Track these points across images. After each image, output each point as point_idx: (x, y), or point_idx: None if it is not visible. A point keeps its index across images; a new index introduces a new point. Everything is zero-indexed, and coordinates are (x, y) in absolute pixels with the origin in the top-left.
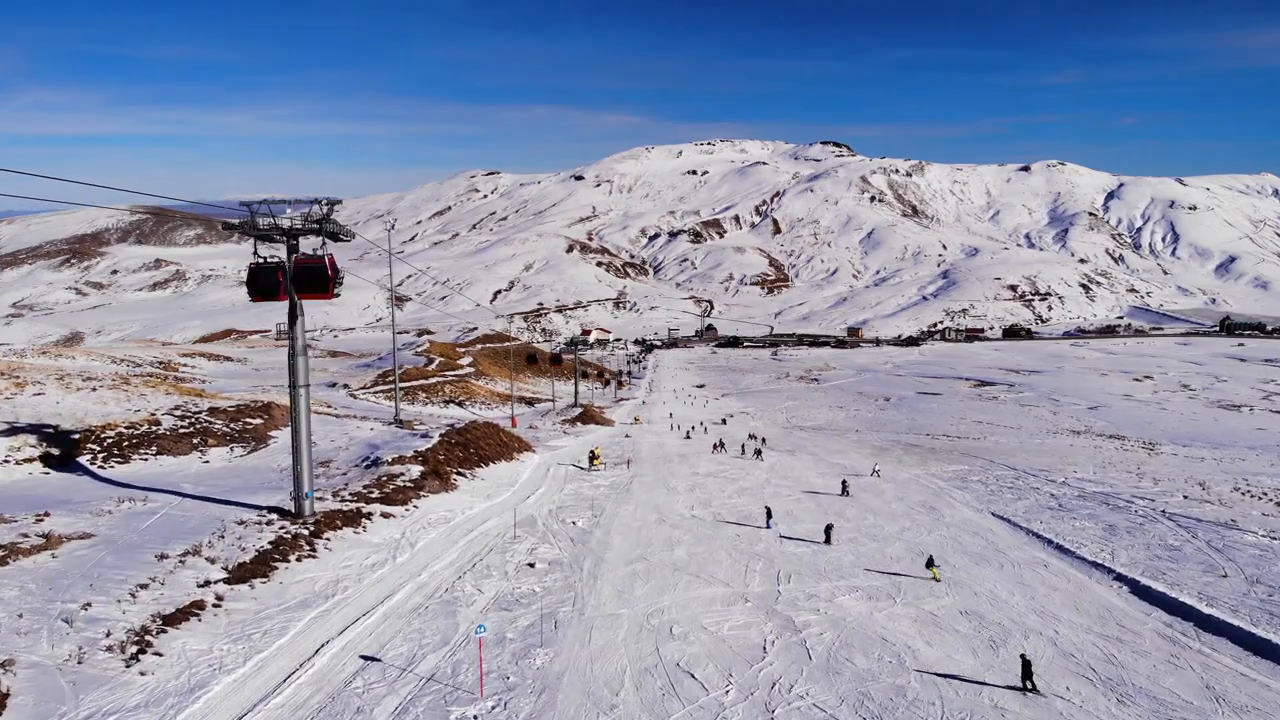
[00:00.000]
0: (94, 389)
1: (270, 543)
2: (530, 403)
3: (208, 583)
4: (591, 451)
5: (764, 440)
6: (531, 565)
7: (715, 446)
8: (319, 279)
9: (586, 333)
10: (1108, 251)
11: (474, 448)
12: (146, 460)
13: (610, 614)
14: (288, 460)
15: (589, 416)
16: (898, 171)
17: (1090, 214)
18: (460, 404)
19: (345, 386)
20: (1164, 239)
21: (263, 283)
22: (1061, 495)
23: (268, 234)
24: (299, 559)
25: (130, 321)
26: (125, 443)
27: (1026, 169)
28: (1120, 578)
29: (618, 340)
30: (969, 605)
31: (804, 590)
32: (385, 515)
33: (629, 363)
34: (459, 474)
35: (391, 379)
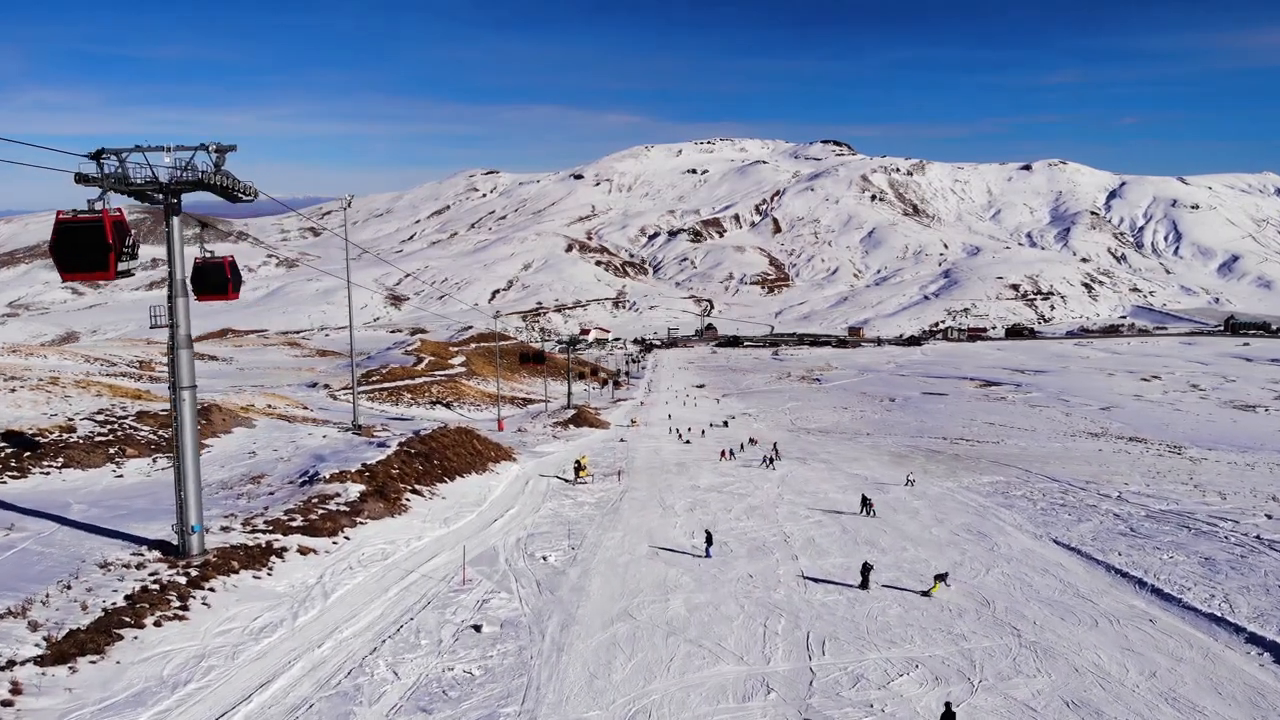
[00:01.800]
0: (13, 390)
1: (127, 597)
2: (524, 404)
3: (10, 664)
4: (577, 461)
5: (775, 447)
6: (477, 628)
7: (724, 454)
8: (218, 280)
9: (585, 332)
10: (1110, 251)
11: (439, 458)
12: (49, 474)
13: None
14: (217, 473)
15: (582, 419)
16: (898, 170)
17: (1092, 213)
18: (448, 405)
19: (326, 387)
20: (1166, 238)
21: (77, 247)
22: (1126, 515)
23: (143, 190)
24: (159, 622)
25: (126, 321)
26: (27, 453)
27: (1028, 168)
28: (1255, 639)
29: (617, 340)
30: (1074, 689)
31: (845, 667)
32: (304, 551)
33: (627, 362)
34: (414, 492)
35: (375, 378)
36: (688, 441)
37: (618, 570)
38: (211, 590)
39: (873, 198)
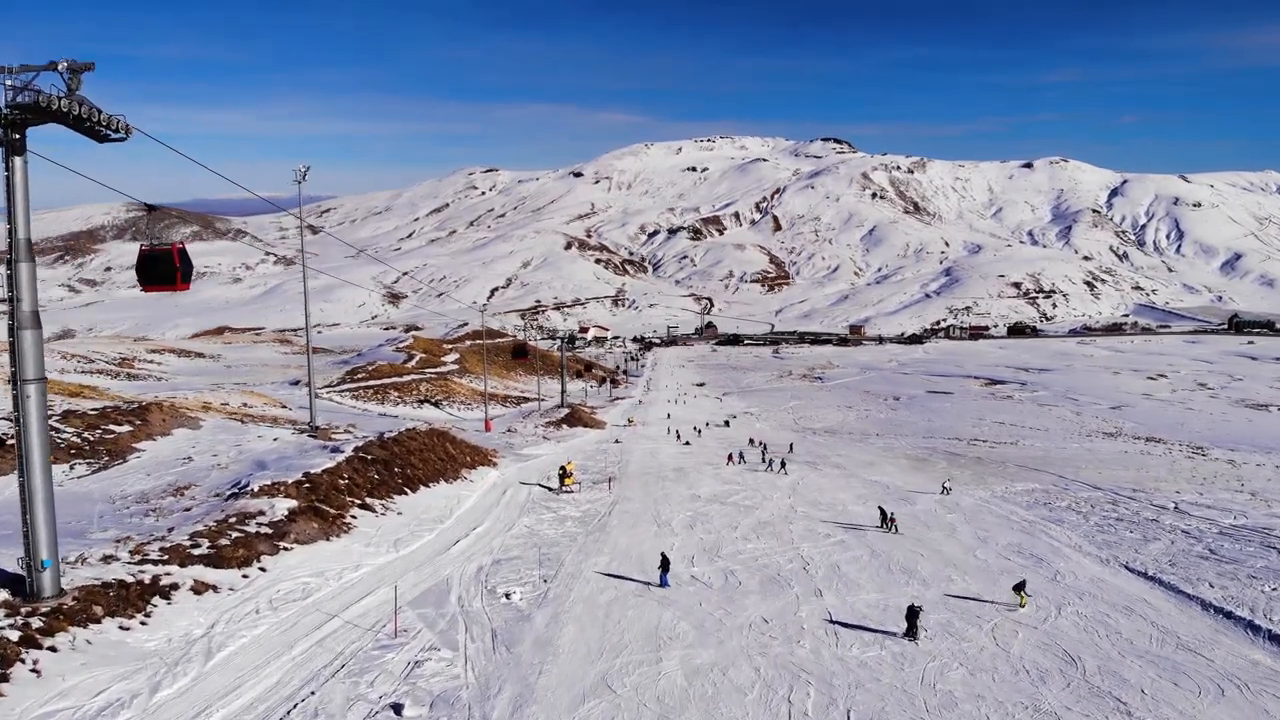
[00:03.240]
0: None
1: None
2: (518, 402)
3: None
4: (562, 468)
5: (791, 447)
6: (397, 710)
7: (730, 459)
8: (165, 269)
9: (585, 330)
10: (1112, 249)
11: (401, 465)
12: None
13: None
14: (140, 482)
15: (576, 418)
16: (899, 168)
17: (1094, 211)
18: (436, 404)
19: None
20: (1168, 236)
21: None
22: (1196, 532)
23: None
24: None
25: (122, 319)
26: None
27: (1029, 166)
28: None
29: (616, 338)
30: None
31: None
32: (201, 588)
33: (626, 360)
34: (363, 507)
35: (360, 376)
36: (687, 443)
37: (597, 614)
38: (52, 649)
39: (873, 196)
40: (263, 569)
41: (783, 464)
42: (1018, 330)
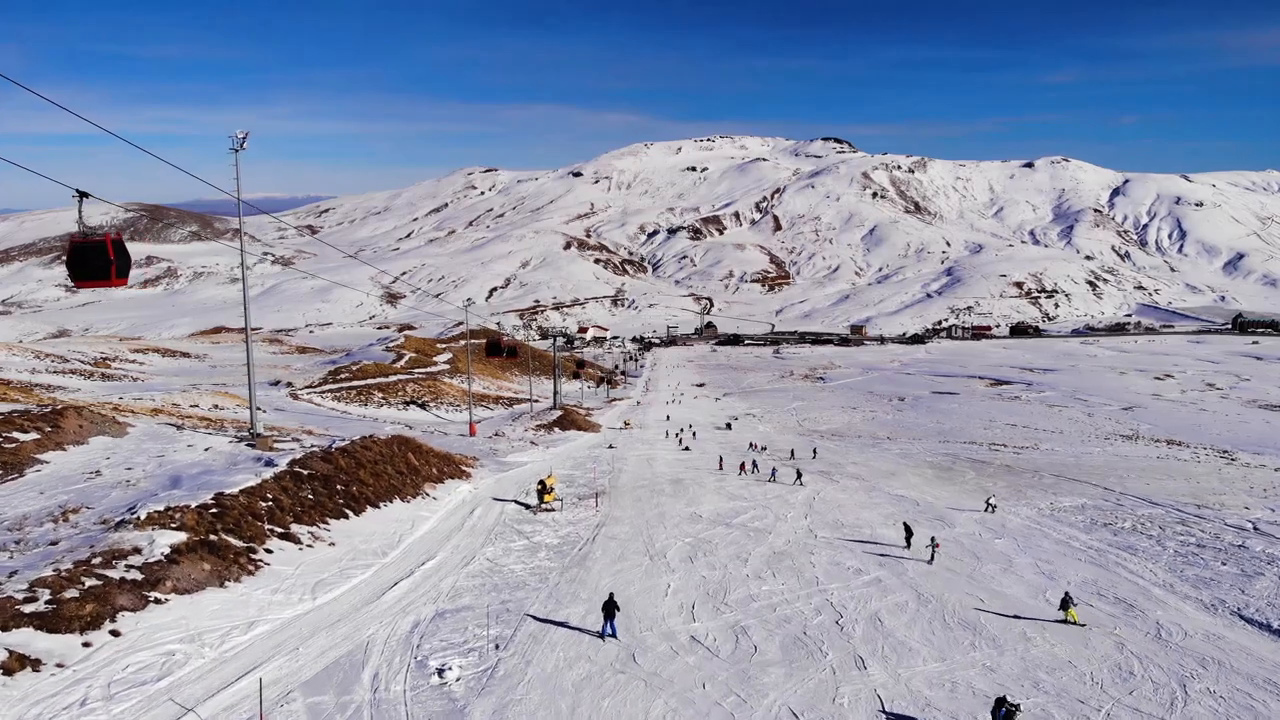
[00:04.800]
0: None
1: None
2: (509, 404)
3: None
4: (542, 482)
5: (815, 451)
6: None
7: (742, 468)
8: (98, 263)
9: (584, 330)
10: (1114, 249)
11: (346, 482)
12: None
13: None
14: (28, 502)
15: (569, 421)
16: (899, 168)
17: (1095, 210)
18: (423, 405)
19: (289, 385)
20: (1171, 236)
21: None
22: None
23: None
24: None
25: (119, 319)
26: None
27: (1030, 165)
28: None
29: (615, 338)
30: None
31: None
32: (15, 665)
33: (625, 360)
34: (286, 536)
35: (343, 376)
36: (686, 448)
37: (560, 705)
38: None
39: (874, 195)
40: (115, 632)
41: (798, 475)
42: (1020, 330)
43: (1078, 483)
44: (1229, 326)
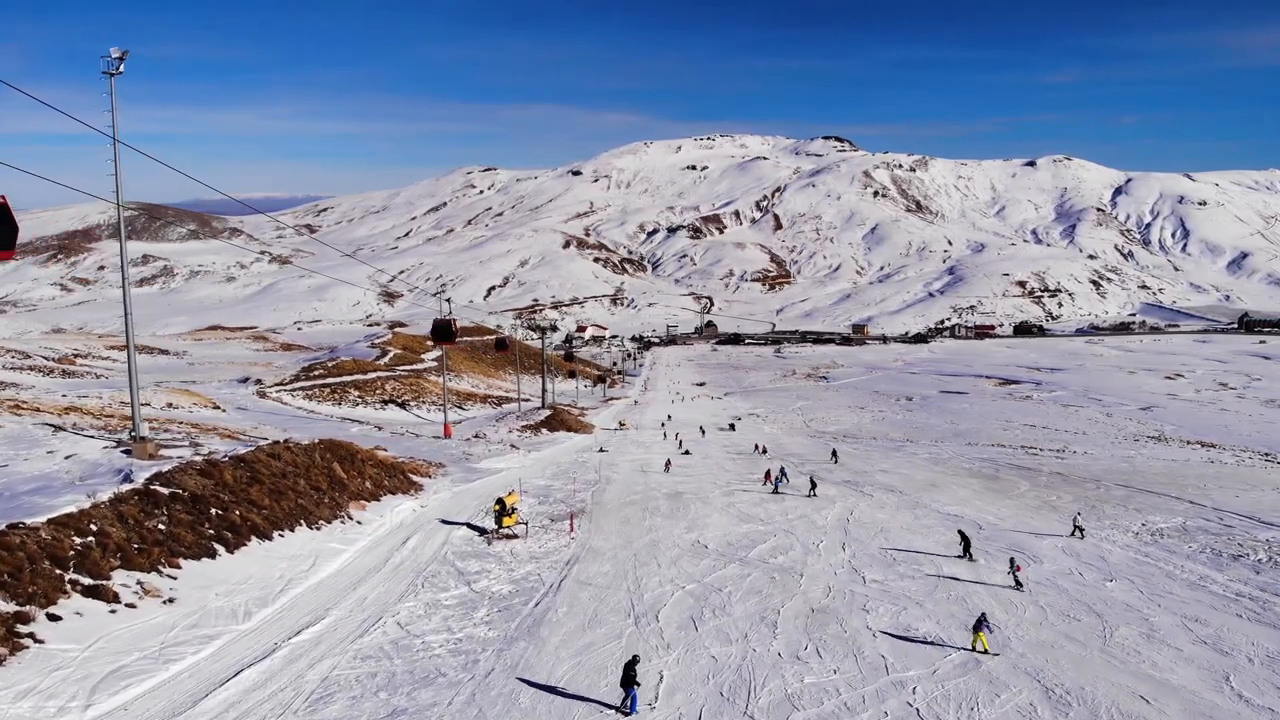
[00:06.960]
0: None
1: None
2: (499, 403)
3: None
4: (500, 501)
5: (834, 454)
6: None
7: (768, 477)
8: None
9: (582, 329)
10: (1117, 248)
11: (227, 505)
12: None
13: None
14: None
15: (558, 421)
16: (901, 166)
17: (1098, 209)
18: (403, 405)
19: (258, 383)
20: (1174, 235)
21: None
22: None
23: None
24: None
25: (114, 318)
26: None
27: (1032, 164)
28: None
29: (614, 337)
30: None
31: None
32: None
33: (623, 359)
34: (89, 593)
35: (317, 373)
36: (687, 451)
37: None
38: None
39: (875, 194)
40: None
41: (812, 485)
42: (1024, 329)
43: (1153, 494)
44: (1235, 326)
